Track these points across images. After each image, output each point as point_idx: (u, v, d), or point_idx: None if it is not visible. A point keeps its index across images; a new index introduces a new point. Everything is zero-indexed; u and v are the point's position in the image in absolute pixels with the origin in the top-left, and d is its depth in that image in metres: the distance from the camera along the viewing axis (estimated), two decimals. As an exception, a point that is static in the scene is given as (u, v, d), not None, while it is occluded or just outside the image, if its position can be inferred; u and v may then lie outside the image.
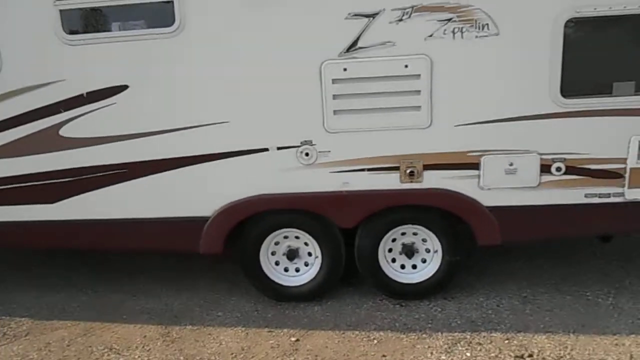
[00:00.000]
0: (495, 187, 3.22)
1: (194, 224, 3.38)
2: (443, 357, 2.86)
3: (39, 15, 3.15)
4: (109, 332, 3.29)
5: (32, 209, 3.46)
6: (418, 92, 3.09)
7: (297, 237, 3.51)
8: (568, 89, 3.04)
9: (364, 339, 3.09)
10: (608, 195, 3.20)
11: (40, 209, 3.45)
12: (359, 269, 3.49)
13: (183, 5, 3.05)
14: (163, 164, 3.32)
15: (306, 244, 3.52)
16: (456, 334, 3.08)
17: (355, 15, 3.03)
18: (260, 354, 2.98)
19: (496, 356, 2.84)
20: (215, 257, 3.54)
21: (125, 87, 3.23)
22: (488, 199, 3.25)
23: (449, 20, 3.00)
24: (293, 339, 3.12)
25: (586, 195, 3.21)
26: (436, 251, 3.44)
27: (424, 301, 3.48)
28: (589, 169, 3.17)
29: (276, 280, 3.55)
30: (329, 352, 2.96)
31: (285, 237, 3.52)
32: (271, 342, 3.10)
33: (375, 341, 3.05)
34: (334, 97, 3.13)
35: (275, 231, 3.46)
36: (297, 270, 3.58)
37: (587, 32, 3.04)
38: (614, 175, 3.16)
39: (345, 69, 3.09)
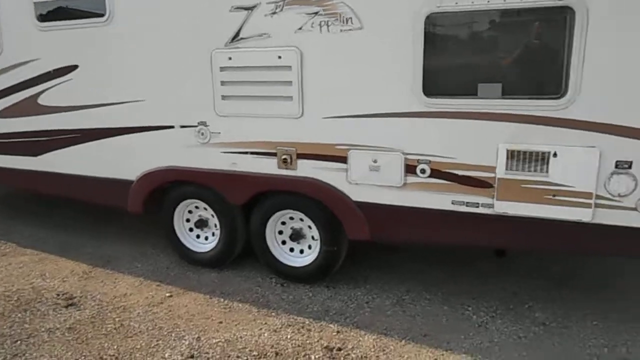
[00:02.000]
0: (362, 183, 3.21)
1: (124, 185, 3.97)
2: (266, 334, 3.03)
3: (21, 7, 3.98)
4: (53, 263, 4.08)
5: (23, 159, 4.40)
6: (290, 82, 3.22)
7: (205, 209, 3.90)
8: (431, 88, 2.90)
9: (222, 306, 3.38)
10: (477, 205, 2.97)
11: (27, 159, 4.38)
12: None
13: (121, 2, 3.61)
14: (101, 132, 3.95)
15: (213, 215, 3.89)
16: (299, 318, 3.20)
17: (237, 7, 3.26)
18: (132, 300, 3.47)
19: (310, 343, 2.92)
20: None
21: (76, 66, 3.92)
22: (356, 194, 3.25)
23: (316, 13, 3.07)
24: (168, 294, 3.55)
25: (453, 202, 3.02)
26: (318, 239, 3.54)
27: (306, 286, 3.61)
28: (455, 174, 2.98)
29: (186, 244, 3.98)
30: (181, 310, 3.32)
31: (197, 208, 3.93)
32: (150, 293, 3.57)
33: (228, 310, 3.33)
34: (222, 83, 3.42)
35: (184, 200, 3.89)
36: (206, 238, 3.97)
37: (450, 28, 2.86)
38: (482, 184, 2.92)
39: (230, 58, 3.36)
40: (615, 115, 2.60)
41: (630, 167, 2.62)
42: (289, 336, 3.00)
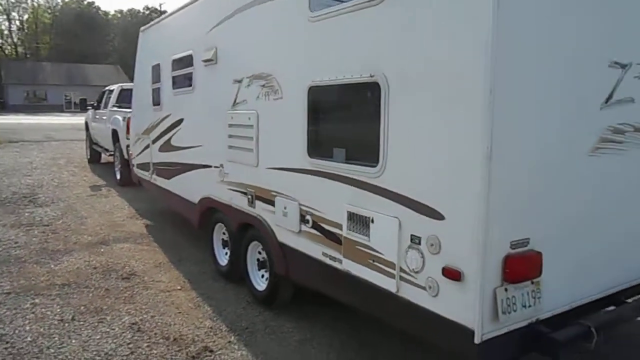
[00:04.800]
0: (280, 225, 3.77)
1: (194, 205, 5.43)
2: (188, 328, 3.90)
3: (168, 79, 5.98)
4: (153, 254, 5.80)
5: (165, 181, 6.38)
6: (252, 138, 4.08)
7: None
8: (311, 149, 3.35)
9: (195, 303, 4.38)
10: (334, 259, 3.20)
11: (166, 182, 6.33)
12: (246, 268, 4.63)
13: (195, 77, 5.18)
14: (187, 166, 5.54)
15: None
16: (223, 326, 3.92)
17: (235, 81, 4.35)
18: (157, 285, 4.80)
19: (199, 343, 3.66)
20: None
21: (182, 119, 5.65)
22: (278, 234, 3.82)
23: (264, 86, 3.89)
24: (179, 287, 4.76)
25: (323, 254, 3.31)
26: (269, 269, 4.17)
27: (266, 307, 4.25)
28: (323, 227, 3.29)
29: (217, 257, 5.12)
30: (172, 299, 4.47)
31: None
32: (171, 284, 4.84)
33: (195, 307, 4.31)
34: (229, 136, 4.51)
35: (218, 223, 5.06)
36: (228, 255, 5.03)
37: (319, 100, 3.29)
38: (337, 240, 3.16)
39: (232, 117, 4.44)
40: (410, 189, 2.58)
41: (419, 243, 2.53)
42: (196, 335, 3.80)
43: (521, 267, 2.32)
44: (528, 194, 2.40)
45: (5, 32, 64.93)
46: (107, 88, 12.28)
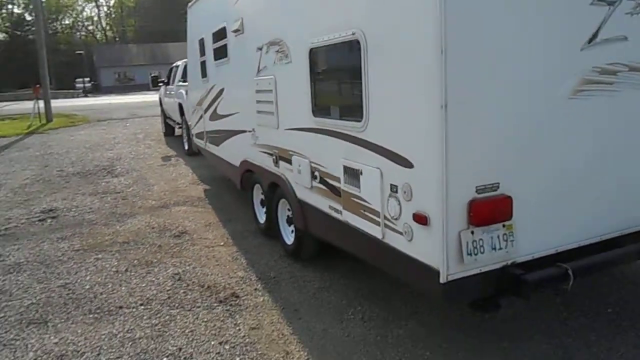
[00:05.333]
0: (298, 182, 4.01)
1: (236, 168, 5.82)
2: (222, 277, 4.32)
3: (210, 52, 6.34)
4: (205, 215, 6.32)
5: (215, 148, 6.84)
6: (272, 102, 4.32)
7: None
8: (315, 108, 3.53)
9: (234, 256, 4.80)
10: (337, 211, 3.39)
11: (217, 148, 6.78)
12: (280, 224, 4.95)
13: (229, 47, 5.48)
14: (229, 133, 5.91)
15: (268, 198, 5.26)
16: (253, 276, 4.30)
17: (257, 48, 4.57)
18: (203, 242, 5.29)
19: (229, 290, 4.05)
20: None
21: (224, 89, 6.00)
22: (297, 191, 4.07)
23: (277, 51, 4.09)
24: (222, 243, 5.21)
25: (329, 207, 3.52)
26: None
27: (295, 259, 4.58)
28: (327, 182, 3.49)
29: (257, 215, 5.50)
30: (214, 252, 4.93)
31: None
32: (216, 240, 5.30)
33: (233, 259, 4.74)
34: (257, 101, 4.79)
35: (256, 184, 5.41)
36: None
37: (317, 60, 3.42)
38: (339, 193, 3.34)
39: (257, 84, 4.70)
40: (388, 140, 2.70)
41: (396, 191, 2.66)
42: (228, 283, 4.21)
43: (487, 210, 2.39)
44: (497, 140, 2.44)
45: (95, 18, 69.79)
46: (173, 65, 13.02)
